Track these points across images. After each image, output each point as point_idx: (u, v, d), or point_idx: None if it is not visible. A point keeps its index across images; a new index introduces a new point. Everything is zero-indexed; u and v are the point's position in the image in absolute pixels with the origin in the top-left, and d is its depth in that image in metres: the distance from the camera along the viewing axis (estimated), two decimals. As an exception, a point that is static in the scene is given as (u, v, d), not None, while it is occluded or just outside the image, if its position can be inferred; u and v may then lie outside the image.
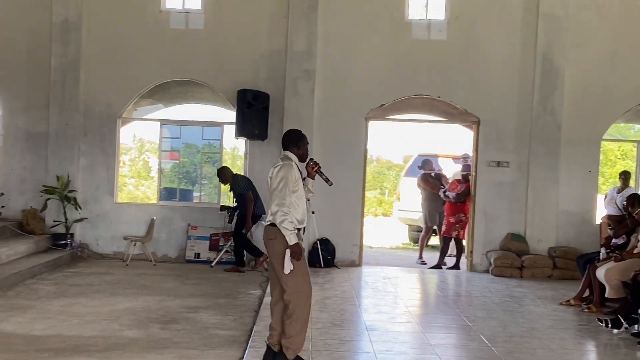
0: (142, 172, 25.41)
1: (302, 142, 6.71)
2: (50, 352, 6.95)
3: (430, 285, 12.16)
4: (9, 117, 13.73)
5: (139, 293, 10.15)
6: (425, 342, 7.82)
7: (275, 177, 6.37)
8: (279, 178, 6.34)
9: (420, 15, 13.56)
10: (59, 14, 13.38)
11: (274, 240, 6.39)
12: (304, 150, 6.72)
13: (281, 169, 6.38)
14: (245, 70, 13.41)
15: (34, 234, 12.86)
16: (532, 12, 13.21)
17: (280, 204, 6.28)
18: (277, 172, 6.38)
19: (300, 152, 6.69)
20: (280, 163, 6.46)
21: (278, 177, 6.35)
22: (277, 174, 6.37)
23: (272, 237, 6.41)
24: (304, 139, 6.76)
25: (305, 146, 6.74)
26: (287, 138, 6.76)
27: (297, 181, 6.45)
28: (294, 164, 6.50)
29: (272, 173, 6.45)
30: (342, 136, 13.38)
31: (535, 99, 13.17)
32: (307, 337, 7.62)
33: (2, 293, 9.70)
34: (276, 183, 6.34)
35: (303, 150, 6.72)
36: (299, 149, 6.67)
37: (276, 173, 6.38)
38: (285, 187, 6.30)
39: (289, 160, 6.52)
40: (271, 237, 6.43)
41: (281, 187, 6.30)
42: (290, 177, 6.35)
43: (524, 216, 13.27)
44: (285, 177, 6.33)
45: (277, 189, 6.33)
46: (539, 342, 7.95)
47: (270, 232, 6.43)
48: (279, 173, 6.36)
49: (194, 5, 13.65)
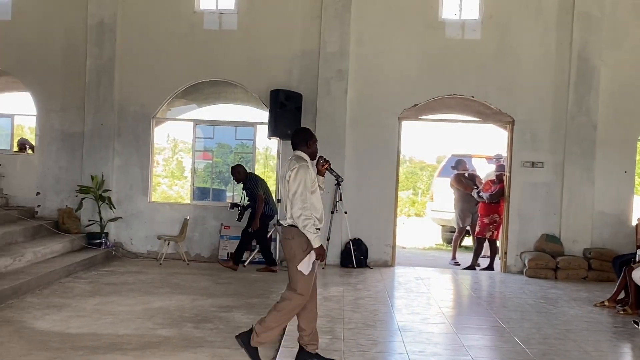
0: (175, 172, 25.55)
1: (312, 140, 6.75)
2: (85, 350, 7.01)
3: (463, 286, 12.08)
4: (45, 117, 13.88)
5: (173, 292, 10.21)
6: (459, 343, 7.78)
7: (294, 181, 6.39)
8: (297, 182, 6.38)
9: (454, 14, 13.49)
10: (94, 15, 13.51)
11: (291, 240, 6.46)
12: (313, 149, 6.75)
13: (298, 172, 6.40)
14: (278, 71, 13.44)
15: (70, 233, 12.99)
16: (568, 11, 13.08)
17: (302, 207, 6.34)
18: (295, 175, 6.40)
19: (310, 151, 6.72)
20: (297, 165, 6.45)
21: (296, 181, 6.38)
22: (294, 177, 6.39)
23: (290, 237, 6.47)
24: (313, 137, 6.79)
25: (314, 144, 6.76)
26: (296, 137, 6.78)
27: (314, 182, 6.52)
28: (309, 164, 6.54)
29: (288, 176, 6.45)
30: (375, 136, 13.35)
31: (571, 99, 13.04)
32: (340, 337, 7.65)
33: (39, 291, 9.80)
34: (295, 187, 6.37)
35: (313, 149, 6.75)
36: (308, 148, 6.71)
37: (294, 177, 6.40)
38: (305, 190, 6.36)
39: (304, 161, 6.54)
40: (288, 237, 6.50)
41: (301, 190, 6.35)
42: (308, 179, 6.42)
43: (559, 217, 13.14)
44: (303, 179, 6.38)
45: (297, 192, 6.36)
46: (573, 344, 7.87)
47: (288, 232, 6.49)
48: (297, 176, 6.39)
49: (228, 5, 13.69)
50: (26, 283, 9.71)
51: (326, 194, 12.82)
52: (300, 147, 6.70)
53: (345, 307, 9.34)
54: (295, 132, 6.92)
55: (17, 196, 13.83)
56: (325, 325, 8.25)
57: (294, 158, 6.62)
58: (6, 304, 8.88)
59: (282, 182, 6.60)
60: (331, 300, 9.80)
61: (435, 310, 9.59)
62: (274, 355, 7.01)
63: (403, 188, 27.78)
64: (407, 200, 29.12)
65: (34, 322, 8.08)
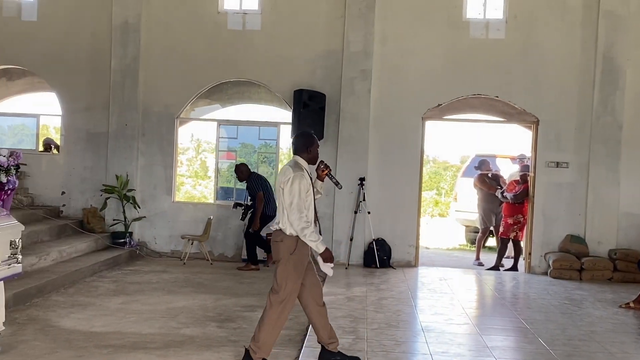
0: (199, 171, 25.62)
1: (313, 146, 6.67)
2: (110, 349, 7.05)
3: (487, 287, 12.03)
4: (70, 117, 13.99)
5: (196, 291, 10.26)
6: (482, 344, 7.75)
7: (289, 192, 6.33)
8: (292, 193, 6.32)
9: (478, 14, 13.43)
10: (119, 16, 13.60)
11: (280, 243, 6.43)
12: (314, 154, 6.69)
13: (293, 182, 6.32)
14: (301, 71, 13.45)
15: (94, 232, 13.09)
16: (593, 10, 12.98)
17: (299, 217, 6.29)
18: (290, 186, 6.33)
19: (311, 156, 6.67)
20: (291, 175, 6.37)
21: (292, 192, 6.32)
22: (290, 188, 6.33)
23: (279, 239, 6.45)
24: (315, 142, 6.71)
25: (315, 149, 6.70)
26: (298, 142, 6.71)
27: (308, 191, 6.45)
28: (305, 173, 6.47)
29: (284, 185, 6.38)
30: (398, 136, 13.33)
31: (596, 99, 12.94)
32: (363, 338, 7.65)
33: (63, 290, 9.88)
34: (290, 198, 6.32)
35: (313, 154, 6.68)
36: (309, 153, 6.65)
37: (289, 188, 6.33)
38: (300, 201, 6.31)
39: (299, 169, 6.45)
40: (277, 240, 6.47)
41: (296, 201, 6.30)
42: (302, 189, 6.34)
43: (584, 218, 13.05)
44: (297, 190, 6.31)
45: (292, 203, 6.30)
46: (598, 345, 7.81)
47: (277, 235, 6.47)
48: (292, 187, 6.32)
49: (251, 6, 13.73)
50: (51, 282, 9.80)
51: (349, 194, 12.89)
52: (301, 152, 6.64)
53: (368, 308, 9.33)
54: (297, 136, 6.88)
55: (43, 195, 13.95)
56: (349, 325, 8.26)
57: (290, 165, 6.55)
58: (32, 303, 8.96)
59: (278, 189, 6.54)
60: (354, 300, 9.80)
61: (458, 310, 9.55)
62: (297, 355, 7.01)
63: (426, 188, 27.66)
64: (430, 201, 29.01)
65: (59, 321, 8.15)
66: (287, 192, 6.35)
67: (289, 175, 6.38)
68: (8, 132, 16.48)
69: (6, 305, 7.15)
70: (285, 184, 6.38)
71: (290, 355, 7.04)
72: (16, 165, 7.30)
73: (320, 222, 13.17)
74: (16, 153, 7.31)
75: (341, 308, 9.21)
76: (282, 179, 6.45)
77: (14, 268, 6.65)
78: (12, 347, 6.93)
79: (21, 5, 13.97)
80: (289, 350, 7.21)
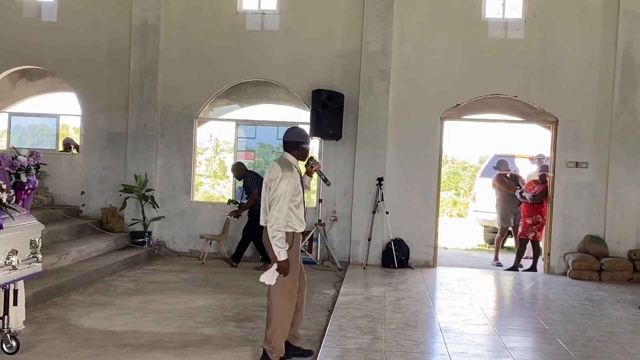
0: (217, 171, 25.67)
1: (304, 143, 6.69)
2: (129, 348, 7.09)
3: (505, 287, 11.99)
4: (90, 118, 14.07)
5: (215, 291, 10.28)
6: (501, 344, 7.73)
7: (277, 188, 6.31)
8: (280, 191, 6.30)
9: (497, 13, 13.39)
10: (138, 16, 13.67)
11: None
12: (304, 151, 6.71)
13: (281, 182, 6.31)
14: (320, 71, 13.46)
15: (113, 231, 13.16)
16: (613, 9, 12.90)
17: (276, 218, 6.27)
18: (279, 183, 6.31)
19: (300, 153, 6.69)
20: (280, 175, 6.34)
21: (279, 189, 6.29)
22: (278, 185, 6.31)
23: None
24: (307, 141, 6.74)
25: (305, 147, 6.70)
26: (288, 139, 6.70)
27: (297, 189, 6.46)
28: (294, 173, 6.46)
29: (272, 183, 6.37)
30: (417, 136, 13.31)
31: (616, 99, 12.86)
32: (381, 338, 7.65)
33: (83, 289, 9.94)
34: (277, 195, 6.30)
35: (303, 151, 6.70)
36: (299, 150, 6.66)
37: (278, 184, 6.31)
38: (284, 202, 6.30)
39: (289, 170, 6.43)
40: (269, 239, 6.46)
41: (281, 203, 6.28)
42: (290, 189, 6.34)
43: (603, 218, 12.97)
44: (284, 191, 6.30)
45: (277, 201, 6.29)
46: (618, 346, 7.77)
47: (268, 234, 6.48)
48: (280, 185, 6.30)
49: (270, 6, 13.75)
50: (71, 281, 9.85)
51: (367, 194, 12.89)
52: (291, 149, 6.65)
53: (386, 308, 9.32)
54: (288, 133, 6.80)
55: (62, 195, 14.05)
56: (367, 325, 8.26)
57: (279, 162, 6.53)
58: (51, 302, 9.02)
59: (265, 187, 6.52)
60: (372, 300, 9.80)
61: (477, 311, 9.52)
62: (315, 355, 7.02)
63: (445, 188, 27.62)
64: (449, 201, 28.94)
65: (78, 320, 8.19)
66: (272, 190, 6.34)
67: (277, 175, 6.36)
68: (28, 132, 16.57)
69: (26, 304, 7.21)
70: (272, 182, 6.37)
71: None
72: (36, 165, 7.34)
73: (339, 222, 13.33)
74: (36, 153, 7.35)
75: (359, 308, 9.21)
76: (270, 177, 6.43)
77: (34, 267, 6.69)
78: (32, 345, 6.97)
79: (41, 6, 14.06)
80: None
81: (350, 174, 13.32)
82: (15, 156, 7.11)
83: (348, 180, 13.36)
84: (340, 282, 11.15)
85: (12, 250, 6.25)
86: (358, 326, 8.18)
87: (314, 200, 13.87)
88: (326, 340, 7.45)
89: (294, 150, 6.65)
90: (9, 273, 6.23)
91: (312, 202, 14.02)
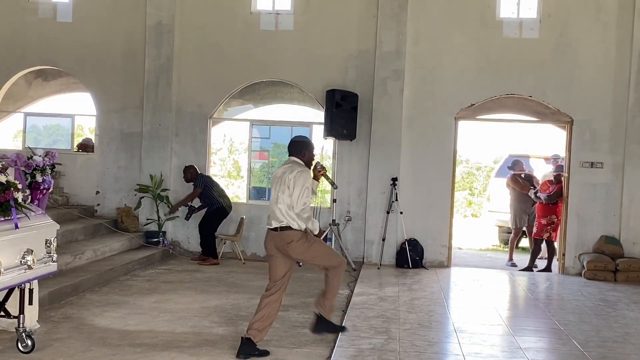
0: (232, 171, 25.68)
1: (307, 149, 7.05)
2: (143, 347, 7.11)
3: (520, 287, 11.95)
4: (105, 117, 14.12)
5: (229, 291, 10.30)
6: (515, 345, 7.71)
7: (296, 184, 6.66)
8: (300, 186, 6.68)
9: (512, 13, 13.34)
10: (153, 16, 13.70)
11: (295, 243, 6.72)
12: (308, 157, 7.04)
13: (301, 175, 6.72)
14: (334, 71, 13.46)
15: (128, 231, 13.20)
16: (628, 8, 12.84)
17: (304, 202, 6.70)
18: (298, 178, 6.68)
19: (305, 159, 7.00)
20: (299, 169, 6.77)
21: (299, 184, 6.67)
22: (297, 180, 6.67)
23: (290, 240, 6.71)
24: (310, 146, 7.10)
25: (310, 153, 7.06)
26: (293, 147, 7.06)
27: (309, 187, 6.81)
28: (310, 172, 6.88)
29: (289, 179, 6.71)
30: (431, 136, 13.29)
31: (631, 99, 12.80)
32: (395, 338, 7.65)
33: (98, 289, 9.98)
34: (298, 189, 6.67)
35: (307, 157, 7.03)
36: (303, 157, 6.99)
37: (295, 180, 6.68)
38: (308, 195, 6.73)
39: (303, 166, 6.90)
40: (289, 241, 6.71)
41: (305, 193, 6.70)
42: (308, 183, 6.75)
43: (619, 218, 12.91)
44: (305, 185, 6.70)
45: (300, 195, 6.67)
46: (633, 347, 7.74)
47: (287, 237, 6.73)
48: (299, 180, 6.68)
49: (284, 6, 13.76)
50: (86, 280, 9.90)
51: (381, 194, 12.90)
52: (296, 154, 6.98)
53: (400, 308, 9.32)
54: (291, 142, 7.12)
55: (77, 195, 14.11)
56: (381, 325, 8.26)
57: (292, 163, 6.93)
58: (66, 301, 9.06)
59: (278, 183, 6.80)
60: (386, 300, 9.79)
61: (491, 311, 9.51)
62: (329, 354, 7.02)
63: (459, 188, 27.55)
64: (463, 201, 28.85)
65: (93, 319, 8.23)
66: (294, 184, 6.67)
67: (296, 170, 6.74)
68: (43, 132, 16.64)
69: (41, 303, 7.27)
70: (292, 178, 6.68)
71: (322, 355, 7.05)
72: (51, 165, 7.38)
73: (353, 222, 13.34)
74: (51, 153, 7.38)
75: (373, 308, 9.21)
76: (288, 175, 6.74)
77: (49, 267, 6.73)
78: (47, 345, 7.01)
79: (56, 7, 14.14)
80: (320, 350, 7.22)
81: (365, 174, 13.31)
82: (31, 156, 7.15)
83: (362, 180, 13.36)
84: (354, 282, 11.14)
85: (28, 250, 6.29)
86: (372, 326, 8.18)
87: (328, 200, 13.87)
88: (340, 340, 7.45)
89: (299, 155, 6.98)
90: (25, 272, 6.28)
91: (327, 202, 14.01)
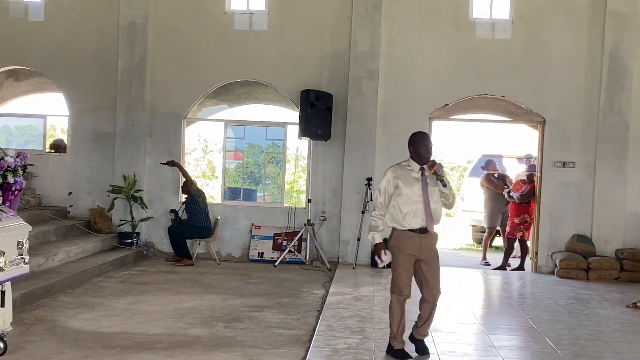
0: (206, 172, 25.61)
1: (412, 146, 7.20)
2: (117, 349, 7.08)
3: (494, 286, 12.02)
4: (77, 118, 14.02)
5: (204, 292, 10.27)
6: (489, 343, 7.76)
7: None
8: (377, 189, 7.17)
9: (485, 14, 13.42)
10: (126, 16, 13.61)
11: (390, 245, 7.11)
12: (414, 152, 7.17)
13: (383, 176, 7.10)
14: (308, 71, 13.46)
15: (101, 232, 13.10)
16: (599, 9, 12.95)
17: (374, 206, 7.18)
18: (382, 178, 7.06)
19: (413, 155, 7.18)
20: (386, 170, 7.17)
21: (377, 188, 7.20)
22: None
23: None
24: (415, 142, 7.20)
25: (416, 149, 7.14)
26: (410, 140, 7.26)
27: (397, 187, 6.97)
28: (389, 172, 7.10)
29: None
30: (405, 136, 13.06)
31: (602, 99, 12.92)
32: (370, 337, 7.67)
33: (71, 290, 9.91)
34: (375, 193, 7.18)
35: (414, 153, 7.16)
36: (410, 152, 7.21)
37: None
38: (380, 194, 7.05)
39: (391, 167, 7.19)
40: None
41: (375, 196, 7.21)
42: (382, 185, 7.02)
43: (590, 217, 13.03)
44: (379, 187, 7.08)
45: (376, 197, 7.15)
46: (605, 345, 7.82)
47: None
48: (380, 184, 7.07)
49: (258, 6, 13.74)
50: (59, 282, 9.82)
51: (356, 195, 12.92)
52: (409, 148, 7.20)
53: (375, 307, 9.34)
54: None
55: (50, 196, 13.98)
56: (356, 325, 8.29)
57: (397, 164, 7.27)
58: (39, 303, 8.99)
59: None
60: (362, 300, 9.82)
61: (465, 310, 9.56)
62: (304, 355, 7.03)
63: (433, 188, 27.65)
64: (437, 200, 28.94)
65: (66, 321, 8.17)
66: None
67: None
68: (15, 132, 16.53)
69: (14, 305, 7.18)
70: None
71: (298, 355, 7.05)
72: (23, 166, 7.30)
73: (328, 222, 13.34)
74: (23, 154, 7.31)
75: (348, 308, 9.23)
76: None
77: (21, 268, 6.67)
78: (19, 347, 6.95)
79: (28, 6, 13.99)
80: (296, 350, 7.23)
81: (339, 174, 13.33)
82: (2, 157, 7.06)
83: (337, 180, 13.37)
84: (329, 282, 11.15)
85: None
86: (347, 326, 8.20)
87: (303, 200, 13.88)
88: (315, 340, 7.46)
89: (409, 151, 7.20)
90: (-3, 274, 6.22)
91: (302, 202, 14.02)
